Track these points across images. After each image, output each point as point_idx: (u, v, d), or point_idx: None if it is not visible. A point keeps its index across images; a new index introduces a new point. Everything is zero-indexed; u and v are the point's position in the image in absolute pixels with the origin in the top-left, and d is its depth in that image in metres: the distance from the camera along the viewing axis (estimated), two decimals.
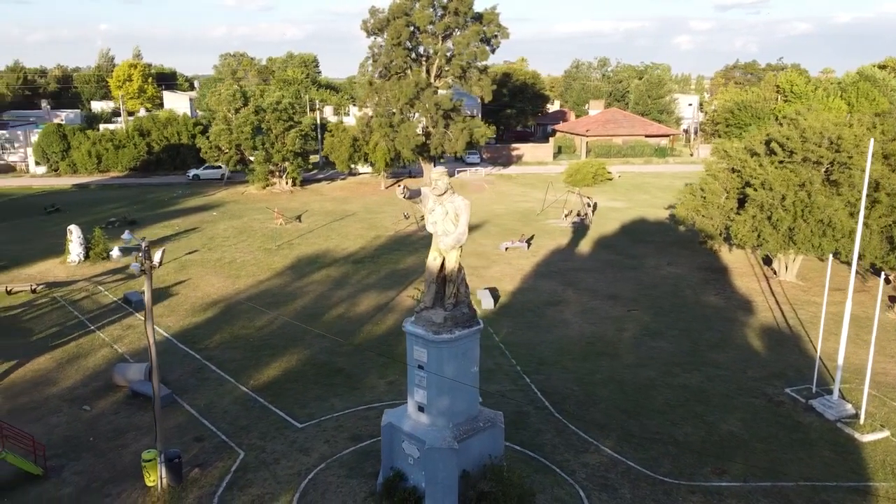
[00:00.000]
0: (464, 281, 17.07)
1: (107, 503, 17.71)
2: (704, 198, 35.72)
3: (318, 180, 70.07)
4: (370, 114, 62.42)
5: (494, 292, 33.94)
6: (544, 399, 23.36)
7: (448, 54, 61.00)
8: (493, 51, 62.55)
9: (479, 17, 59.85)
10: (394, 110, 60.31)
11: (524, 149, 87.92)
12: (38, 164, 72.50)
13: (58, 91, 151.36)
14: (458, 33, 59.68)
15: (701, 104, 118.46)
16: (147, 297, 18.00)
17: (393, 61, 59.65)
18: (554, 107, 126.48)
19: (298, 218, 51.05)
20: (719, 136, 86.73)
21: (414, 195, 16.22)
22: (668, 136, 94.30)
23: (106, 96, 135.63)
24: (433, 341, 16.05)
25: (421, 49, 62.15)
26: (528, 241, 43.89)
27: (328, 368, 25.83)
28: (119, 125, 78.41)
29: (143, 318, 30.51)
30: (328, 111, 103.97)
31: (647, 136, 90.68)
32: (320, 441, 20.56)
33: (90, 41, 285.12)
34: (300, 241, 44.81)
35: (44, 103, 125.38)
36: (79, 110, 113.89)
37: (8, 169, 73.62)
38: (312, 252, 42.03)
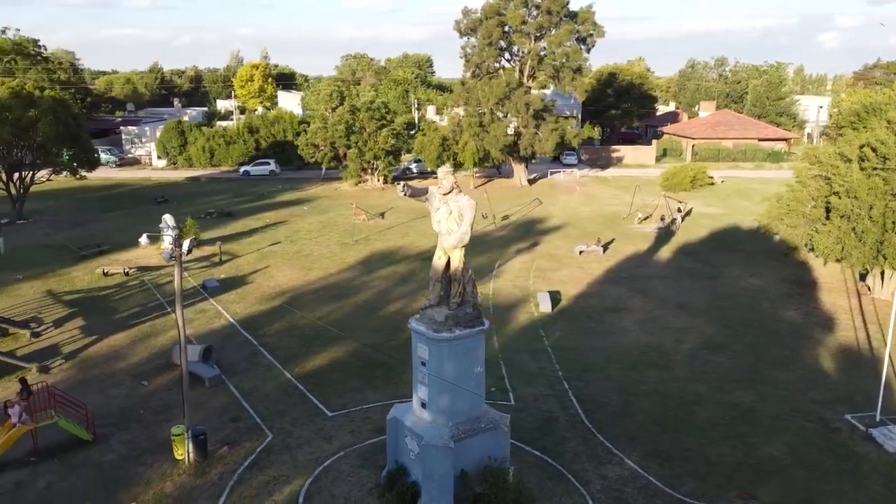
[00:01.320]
0: (471, 280, 17.00)
1: (140, 471, 19.10)
2: (789, 206, 33.42)
3: (412, 177, 71.38)
4: (461, 114, 62.90)
5: (555, 295, 33.38)
6: (578, 406, 22.79)
7: (541, 54, 60.41)
8: (588, 50, 61.34)
9: (573, 16, 58.85)
10: (484, 110, 60.45)
11: (625, 151, 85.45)
12: (159, 157, 78.51)
13: (190, 90, 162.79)
14: (552, 32, 58.95)
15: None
16: (177, 282, 19.22)
17: (484, 61, 59.81)
18: (668, 108, 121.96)
19: (381, 215, 52.31)
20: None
21: (416, 193, 16.35)
22: (784, 139, 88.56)
23: (230, 95, 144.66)
24: (433, 339, 16.14)
25: (514, 49, 61.95)
26: (605, 246, 42.74)
27: (372, 361, 26.42)
28: (231, 122, 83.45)
29: (215, 304, 32.53)
30: (431, 111, 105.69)
31: (759, 139, 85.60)
32: (345, 430, 21.13)
33: (230, 44, 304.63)
34: (378, 237, 45.96)
35: (176, 102, 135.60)
36: (204, 108, 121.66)
37: (134, 162, 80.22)
38: (386, 248, 43.01)
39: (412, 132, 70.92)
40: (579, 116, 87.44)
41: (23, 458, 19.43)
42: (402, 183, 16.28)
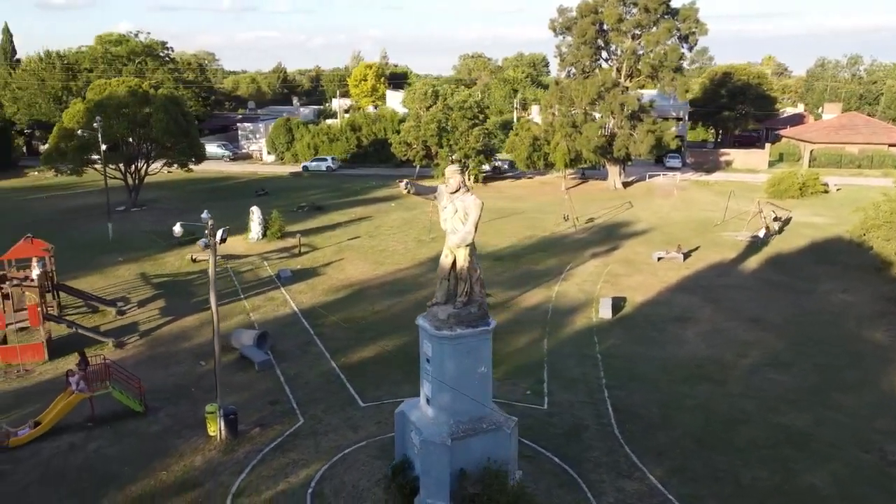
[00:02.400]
0: (479, 280, 16.93)
1: (177, 443, 20.47)
2: (887, 216, 30.64)
3: (505, 178, 71.28)
4: (555, 113, 62.09)
5: (618, 302, 32.39)
6: (613, 416, 22.09)
7: (638, 53, 58.52)
8: (690, 49, 58.81)
9: (674, 13, 56.55)
10: (577, 110, 59.36)
11: (735, 154, 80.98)
12: (269, 153, 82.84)
13: (310, 89, 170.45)
14: (651, 30, 56.94)
15: None
16: (210, 270, 20.35)
17: (579, 60, 58.71)
18: (797, 109, 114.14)
19: None
20: None
21: (422, 191, 16.47)
22: None
23: (346, 94, 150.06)
24: (435, 336, 16.25)
25: (612, 48, 60.38)
26: (687, 253, 40.86)
27: (415, 357, 26.72)
28: (336, 121, 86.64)
29: (284, 293, 34.08)
30: (535, 110, 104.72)
31: (890, 145, 78.49)
32: (372, 421, 21.63)
33: (360, 45, 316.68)
34: None
35: (295, 100, 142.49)
36: (317, 106, 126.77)
37: (247, 157, 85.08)
38: None
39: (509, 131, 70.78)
40: (685, 118, 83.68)
41: (81, 423, 21.33)
42: (406, 181, 16.46)
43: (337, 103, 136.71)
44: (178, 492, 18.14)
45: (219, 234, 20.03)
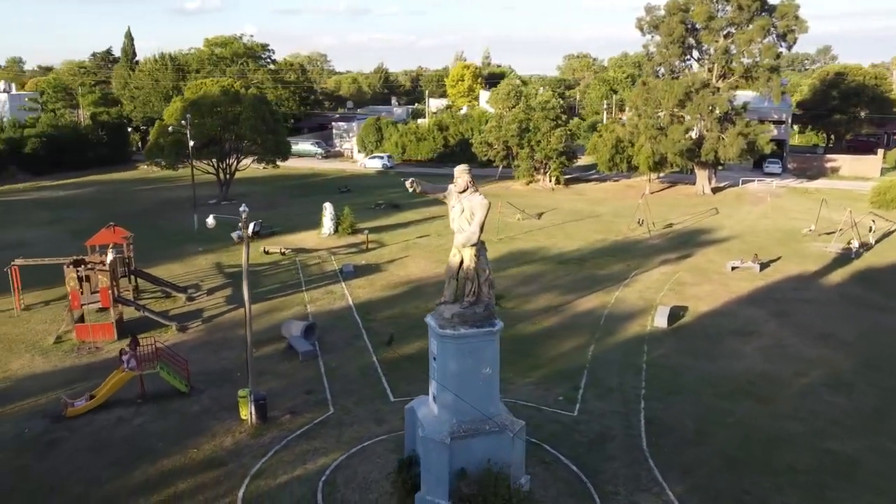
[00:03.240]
0: (488, 281, 16.88)
1: (212, 424, 21.58)
2: None
3: (589, 180, 69.98)
4: (640, 114, 60.33)
5: (677, 311, 31.19)
6: (643, 428, 21.37)
7: (732, 52, 55.87)
8: (788, 48, 55.57)
9: (770, 10, 53.57)
10: (662, 111, 57.45)
11: (842, 161, 75.69)
12: (359, 151, 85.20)
13: (411, 89, 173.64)
14: (745, 28, 54.22)
15: None
16: (244, 261, 21.29)
17: (666, 60, 56.77)
18: None
19: (539, 215, 52.15)
20: None
21: (428, 189, 16.58)
22: None
23: (443, 94, 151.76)
24: (439, 335, 16.36)
25: (704, 47, 57.97)
26: (765, 263, 38.72)
27: None
28: (424, 120, 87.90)
29: (344, 287, 35.07)
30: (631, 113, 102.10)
31: None
32: (398, 416, 21.88)
33: (471, 45, 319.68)
34: (524, 236, 46.01)
35: (393, 100, 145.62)
36: (411, 106, 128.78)
37: (338, 154, 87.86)
38: (526, 248, 42.96)
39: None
40: (789, 120, 78.96)
41: (131, 399, 22.90)
42: (411, 179, 16.61)
43: (433, 103, 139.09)
44: (204, 469, 19.16)
45: (251, 226, 20.85)
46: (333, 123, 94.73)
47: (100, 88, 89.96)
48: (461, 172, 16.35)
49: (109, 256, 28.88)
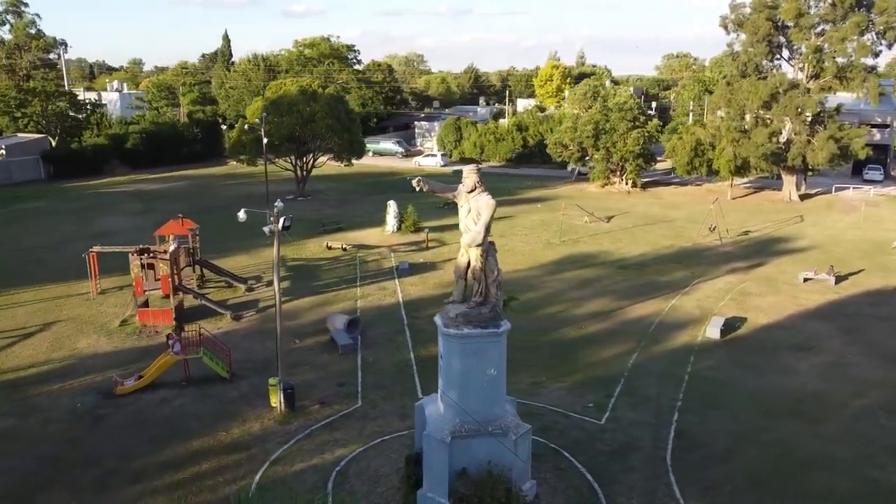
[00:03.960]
0: (496, 282, 16.77)
1: (245, 409, 22.49)
2: None
3: (670, 183, 67.70)
4: (723, 116, 57.85)
5: (735, 322, 29.80)
6: (672, 441, 20.60)
7: (824, 51, 52.60)
8: (889, 46, 51.74)
9: (868, 6, 50.06)
10: (747, 113, 54.84)
11: None
12: (439, 150, 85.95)
13: (500, 89, 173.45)
14: (838, 26, 50.93)
15: None
16: (275, 256, 22.01)
17: (751, 59, 54.11)
18: None
19: (608, 219, 50.99)
20: None
21: (436, 188, 16.62)
22: None
23: (532, 95, 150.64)
24: (443, 333, 16.45)
25: (794, 45, 54.88)
26: (842, 276, 36.32)
27: None
28: (503, 120, 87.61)
29: (396, 284, 35.60)
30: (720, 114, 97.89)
31: None
32: None
33: (572, 45, 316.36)
34: (589, 239, 45.13)
35: (481, 100, 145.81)
36: (493, 107, 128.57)
37: (418, 154, 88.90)
38: (588, 251, 42.13)
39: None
40: (894, 124, 73.42)
41: (176, 382, 24.20)
42: (418, 177, 16.70)
43: (521, 104, 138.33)
44: (229, 452, 20.03)
45: (281, 221, 21.59)
46: (416, 123, 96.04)
47: (199, 88, 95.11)
48: (469, 172, 16.37)
49: (171, 246, 30.57)
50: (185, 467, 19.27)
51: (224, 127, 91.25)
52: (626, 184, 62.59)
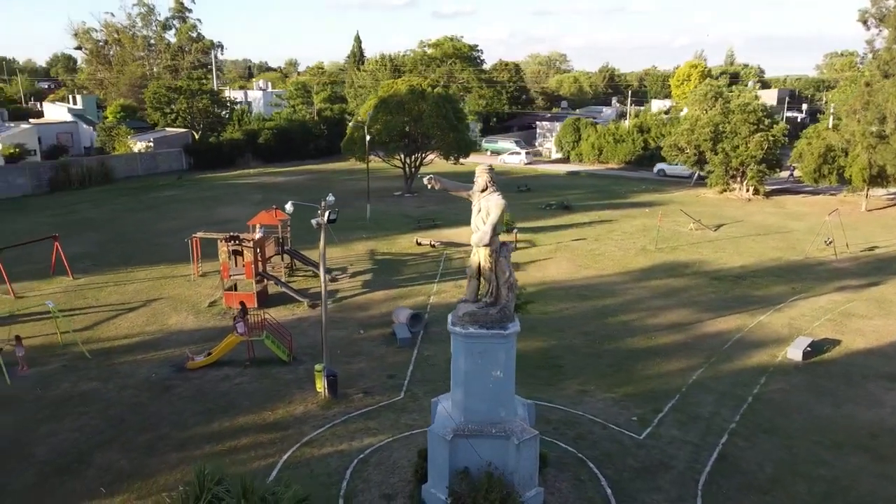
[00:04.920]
0: (508, 284, 16.55)
1: (294, 392, 23.61)
2: None
3: (799, 192, 62.70)
4: (859, 119, 52.69)
5: (823, 345, 27.35)
6: (710, 464, 19.37)
7: None
8: None
9: None
10: (887, 117, 49.63)
11: None
12: (557, 151, 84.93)
13: (636, 90, 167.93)
14: None
15: None
16: (321, 246, 22.91)
17: (895, 58, 48.90)
18: None
19: (716, 227, 48.20)
20: None
21: (449, 186, 16.65)
22: None
23: (668, 95, 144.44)
24: (450, 331, 16.52)
25: None
26: None
27: (550, 361, 26.40)
28: (624, 122, 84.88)
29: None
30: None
31: None
32: None
33: (725, 43, 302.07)
34: (688, 248, 42.93)
35: (613, 101, 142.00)
36: (618, 107, 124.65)
37: (537, 154, 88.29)
38: (683, 260, 40.11)
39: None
40: None
41: (241, 361, 25.90)
42: (429, 176, 16.79)
43: (656, 104, 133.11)
44: (267, 430, 21.21)
45: (327, 214, 22.47)
46: (537, 123, 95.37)
47: (331, 87, 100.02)
48: (480, 172, 16.33)
49: (257, 235, 32.64)
50: (225, 440, 20.66)
51: (350, 125, 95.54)
52: (747, 191, 58.73)
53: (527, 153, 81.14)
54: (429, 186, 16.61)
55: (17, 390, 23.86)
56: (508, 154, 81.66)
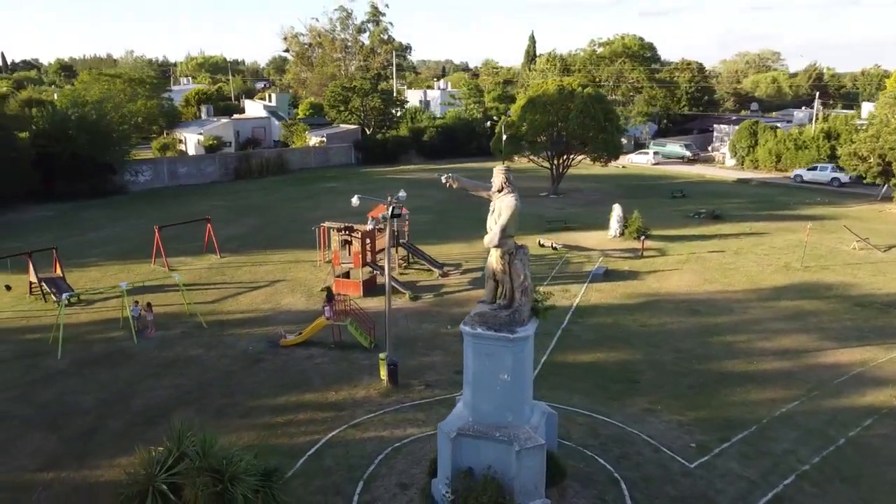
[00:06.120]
0: (522, 288, 16.26)
1: (363, 377, 24.75)
2: None
3: None
4: None
5: None
6: None
7: None
8: None
9: None
10: None
11: None
12: (731, 157, 79.02)
13: (848, 91, 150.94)
14: None
15: None
16: (387, 241, 23.68)
17: None
18: None
19: (886, 248, 42.35)
20: None
21: (466, 185, 16.58)
22: None
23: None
24: (461, 329, 16.59)
25: None
26: None
27: (629, 375, 25.14)
28: (809, 126, 76.58)
29: (581, 287, 34.97)
30: None
31: None
32: None
33: None
34: (840, 269, 38.22)
35: (816, 103, 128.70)
36: (811, 110, 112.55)
37: (708, 159, 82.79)
38: (827, 281, 35.84)
39: None
40: None
41: (327, 343, 27.63)
42: (447, 174, 16.77)
43: (866, 107, 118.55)
44: (325, 409, 22.53)
45: (390, 209, 23.21)
46: (715, 126, 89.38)
47: (502, 87, 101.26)
48: (497, 172, 16.16)
49: (368, 227, 34.37)
50: (285, 413, 22.29)
51: (499, 124, 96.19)
52: None
53: (655, 153, 78.18)
54: (447, 185, 16.75)
55: (139, 349, 27.50)
56: (636, 154, 78.06)
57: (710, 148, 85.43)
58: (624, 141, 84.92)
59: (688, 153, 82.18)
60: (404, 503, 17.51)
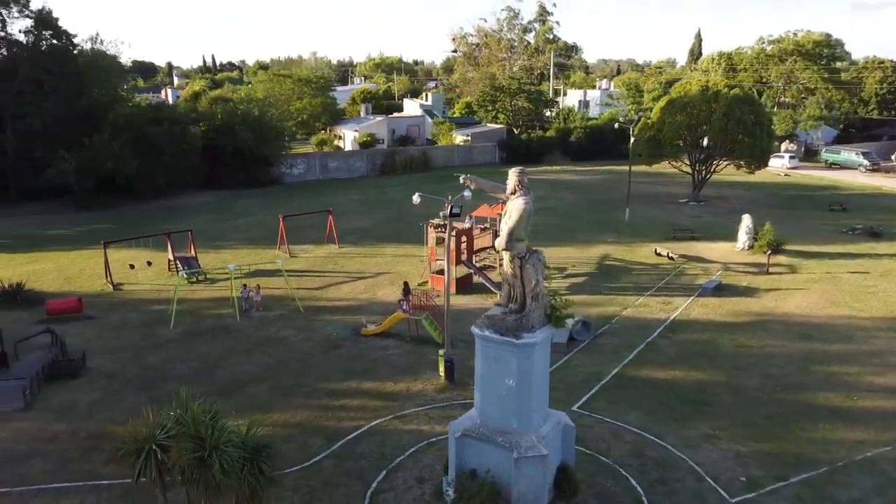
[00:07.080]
0: (533, 293, 15.99)
1: (425, 371, 25.27)
2: None
3: None
4: None
5: None
6: None
7: None
8: None
9: None
10: None
11: None
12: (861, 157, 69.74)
13: None
14: None
15: None
16: (447, 241, 23.97)
17: None
18: None
19: None
20: None
21: (484, 186, 16.47)
22: None
23: None
24: (472, 330, 16.65)
25: None
26: None
27: (701, 397, 23.48)
28: None
29: (684, 300, 33.05)
30: None
31: None
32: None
33: None
34: None
35: None
36: None
37: (890, 170, 73.43)
38: None
39: None
40: None
41: (404, 335, 28.54)
42: (465, 175, 16.69)
43: None
44: (379, 398, 23.39)
45: (449, 209, 23.46)
46: None
47: (663, 87, 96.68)
48: (511, 174, 15.98)
49: (465, 225, 34.83)
50: (342, 398, 23.47)
51: (637, 126, 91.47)
52: None
53: (825, 161, 69.83)
54: (465, 185, 16.84)
55: (240, 327, 30.15)
56: (773, 156, 70.09)
57: (893, 157, 75.81)
58: (794, 147, 78.41)
59: (865, 162, 73.57)
60: (417, 496, 17.87)
